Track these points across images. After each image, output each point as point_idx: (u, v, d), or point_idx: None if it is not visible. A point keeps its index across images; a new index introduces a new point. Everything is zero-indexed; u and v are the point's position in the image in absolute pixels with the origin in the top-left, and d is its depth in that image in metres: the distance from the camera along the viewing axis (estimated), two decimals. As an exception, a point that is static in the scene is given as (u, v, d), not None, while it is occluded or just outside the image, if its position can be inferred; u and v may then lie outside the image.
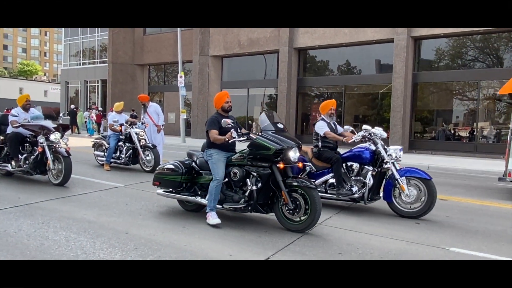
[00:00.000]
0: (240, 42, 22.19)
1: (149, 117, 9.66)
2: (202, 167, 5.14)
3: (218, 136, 4.85)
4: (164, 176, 5.18)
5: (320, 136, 6.04)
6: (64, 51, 37.80)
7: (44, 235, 4.22)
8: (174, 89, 21.84)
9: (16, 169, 7.22)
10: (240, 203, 4.67)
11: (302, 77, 21.45)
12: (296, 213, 4.49)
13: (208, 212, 4.77)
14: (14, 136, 7.26)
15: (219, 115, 5.10)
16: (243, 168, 4.73)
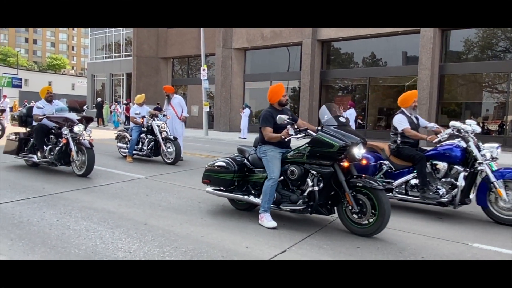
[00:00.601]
0: (263, 35, 22.09)
1: (172, 109, 9.71)
2: (255, 164, 4.82)
3: (272, 134, 4.53)
4: (215, 174, 4.91)
5: (398, 131, 5.43)
6: (90, 45, 38.51)
7: (65, 224, 4.29)
8: (198, 82, 21.96)
9: (42, 160, 7.39)
10: (298, 204, 4.33)
11: (326, 70, 21.20)
12: (363, 216, 4.10)
13: (261, 213, 4.47)
14: (39, 127, 7.41)
15: (273, 110, 4.72)
16: (301, 166, 4.38)
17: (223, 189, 4.93)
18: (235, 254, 3.58)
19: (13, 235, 3.87)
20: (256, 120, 23.94)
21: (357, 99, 20.38)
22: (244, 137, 17.62)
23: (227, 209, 5.14)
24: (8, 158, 8.19)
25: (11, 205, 4.97)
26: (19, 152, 7.76)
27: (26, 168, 7.83)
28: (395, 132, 5.48)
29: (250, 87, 24.21)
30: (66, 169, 7.59)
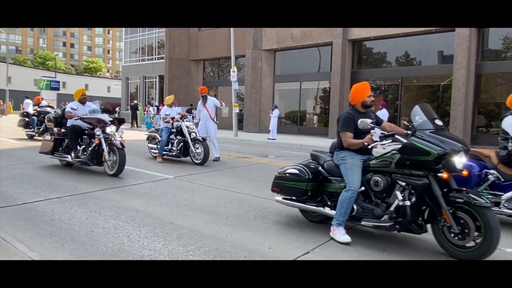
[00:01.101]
0: (293, 35, 22.02)
1: (206, 110, 9.88)
2: (331, 172, 4.32)
3: (353, 140, 4.04)
4: (286, 182, 4.43)
5: (509, 136, 4.78)
6: (124, 48, 39.49)
7: (94, 222, 4.41)
8: (228, 83, 22.14)
9: (75, 159, 7.62)
10: (384, 220, 3.78)
11: (357, 70, 20.91)
12: (466, 237, 3.45)
13: (334, 225, 4.02)
14: (73, 128, 7.66)
15: (355, 112, 4.18)
16: (388, 176, 3.84)
17: (295, 199, 4.48)
18: (258, 255, 3.58)
19: (44, 232, 4.01)
20: (287, 122, 23.90)
21: (390, 99, 19.97)
22: (273, 138, 17.59)
23: (252, 210, 5.14)
24: (44, 158, 8.50)
25: (44, 203, 5.15)
26: (54, 152, 8.04)
27: (60, 167, 8.10)
28: (505, 137, 4.80)
29: (279, 88, 24.18)
30: (98, 168, 7.80)
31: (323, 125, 22.18)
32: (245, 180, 7.39)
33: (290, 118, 24.22)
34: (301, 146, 15.29)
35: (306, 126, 23.20)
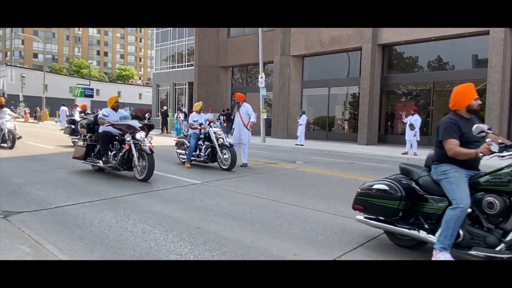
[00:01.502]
0: (321, 41, 21.93)
1: (239, 116, 10.01)
2: (428, 189, 3.71)
3: (462, 149, 3.45)
4: (373, 199, 3.85)
5: None
6: (155, 56, 40.35)
7: (123, 226, 4.50)
8: (256, 89, 22.24)
9: (106, 165, 7.82)
10: (500, 251, 3.16)
11: (387, 75, 20.60)
12: None
13: (437, 249, 3.40)
14: (104, 134, 7.87)
15: (459, 118, 3.63)
16: (505, 197, 3.24)
17: (382, 220, 3.88)
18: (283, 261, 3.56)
19: (75, 236, 4.12)
20: (316, 127, 23.74)
21: (421, 104, 19.55)
22: (301, 144, 17.51)
23: (278, 216, 5.13)
24: (77, 163, 8.75)
25: (76, 207, 5.31)
26: (86, 157, 8.27)
27: (92, 172, 8.33)
28: None
29: (308, 93, 24.10)
30: (128, 173, 7.96)
31: (352, 130, 21.93)
32: (272, 186, 7.38)
33: (319, 124, 24.07)
34: (330, 152, 15.16)
35: (334, 132, 22.99)
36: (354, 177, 8.86)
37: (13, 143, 12.34)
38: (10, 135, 12.43)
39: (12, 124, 12.62)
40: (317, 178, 8.67)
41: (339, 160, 12.54)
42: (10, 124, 12.56)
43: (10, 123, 12.63)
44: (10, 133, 12.44)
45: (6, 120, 12.55)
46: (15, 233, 4.15)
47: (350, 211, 5.39)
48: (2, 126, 12.56)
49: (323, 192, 6.97)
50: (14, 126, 12.66)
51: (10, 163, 9.40)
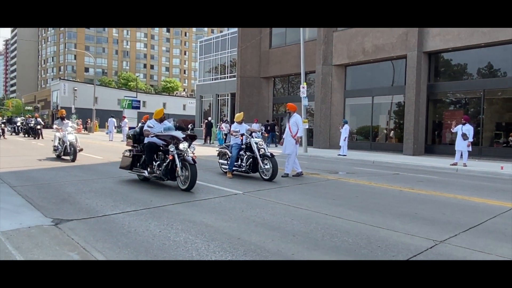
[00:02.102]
0: (364, 50, 21.61)
1: (288, 127, 10.11)
2: None
3: None
4: None
5: None
6: (199, 68, 41.28)
7: (167, 236, 4.58)
8: (298, 99, 22.18)
9: (151, 175, 8.03)
10: None
11: (433, 83, 19.97)
12: None
13: None
14: (149, 145, 8.10)
15: None
16: None
17: None
18: (325, 274, 3.48)
19: (121, 244, 4.24)
20: (359, 137, 23.32)
21: (471, 113, 18.74)
22: (344, 154, 17.23)
23: (320, 228, 5.04)
24: (124, 172, 9.05)
25: (122, 216, 5.47)
26: (132, 167, 8.55)
27: (137, 182, 8.57)
28: None
29: (350, 103, 23.75)
30: (172, 183, 8.13)
31: (398, 140, 21.34)
32: (313, 197, 7.29)
33: (362, 134, 23.61)
34: (374, 163, 14.82)
35: (379, 142, 22.47)
36: (399, 188, 8.59)
37: (74, 156, 12.31)
38: (72, 147, 12.38)
39: (73, 137, 12.64)
40: (360, 189, 8.48)
41: (383, 171, 12.22)
42: (71, 137, 12.55)
43: (72, 135, 12.65)
44: (72, 145, 12.39)
45: (67, 133, 12.57)
46: (65, 240, 4.33)
47: (395, 224, 5.25)
48: (64, 138, 12.58)
49: (367, 204, 6.80)
50: (76, 138, 12.71)
51: (62, 172, 9.87)
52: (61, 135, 12.74)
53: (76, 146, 12.44)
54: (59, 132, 12.97)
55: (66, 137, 12.43)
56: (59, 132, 12.95)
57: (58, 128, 13.12)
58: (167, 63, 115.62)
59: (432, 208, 6.57)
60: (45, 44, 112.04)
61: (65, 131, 12.62)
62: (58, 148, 12.93)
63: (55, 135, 13.27)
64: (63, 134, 12.61)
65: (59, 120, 13.44)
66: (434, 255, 4.04)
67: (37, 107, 77.97)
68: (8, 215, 5.30)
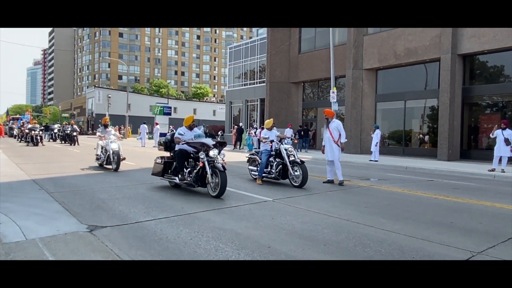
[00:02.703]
0: (396, 53, 21.24)
1: (329, 133, 9.88)
2: None
3: None
4: None
5: None
6: (229, 74, 41.66)
7: (197, 243, 4.62)
8: (327, 104, 22.02)
9: (182, 181, 8.12)
10: None
11: (469, 86, 19.37)
12: None
13: None
14: (180, 152, 8.21)
15: None
16: None
17: None
18: (357, 286, 3.42)
19: (153, 251, 4.31)
20: (391, 142, 22.87)
21: (509, 116, 18.05)
22: (375, 160, 16.93)
23: (351, 237, 4.96)
24: (155, 179, 9.21)
25: (154, 223, 5.55)
26: (164, 174, 8.68)
27: (168, 188, 8.70)
28: None
29: (382, 107, 23.34)
30: (203, 190, 8.20)
31: (431, 145, 20.79)
32: (344, 205, 7.19)
33: (394, 139, 23.14)
34: (407, 169, 14.49)
35: (412, 147, 21.96)
36: (434, 196, 8.35)
37: (117, 165, 11.81)
38: (115, 156, 11.92)
39: (116, 145, 12.17)
40: (393, 196, 8.30)
41: (416, 177, 11.92)
42: (114, 145, 12.10)
43: (115, 144, 12.19)
44: (115, 154, 11.94)
45: (110, 141, 12.14)
46: (99, 247, 4.43)
47: (430, 234, 5.11)
48: (107, 147, 12.18)
49: (400, 212, 6.64)
50: (119, 147, 12.22)
51: (97, 178, 10.15)
52: (104, 143, 12.44)
53: (120, 155, 11.98)
54: (102, 140, 12.63)
55: (109, 146, 12.06)
56: (101, 141, 12.61)
57: (101, 136, 12.73)
58: (197, 70, 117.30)
59: (468, 217, 6.35)
60: (81, 53, 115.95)
61: (108, 139, 12.26)
62: (101, 157, 12.56)
63: (97, 144, 12.90)
64: (106, 142, 12.29)
65: (102, 128, 12.98)
66: (472, 267, 3.89)
67: (73, 114, 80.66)
68: (46, 221, 5.49)
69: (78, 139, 28.75)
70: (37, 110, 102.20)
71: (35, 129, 26.51)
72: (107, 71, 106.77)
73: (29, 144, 25.98)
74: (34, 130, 26.04)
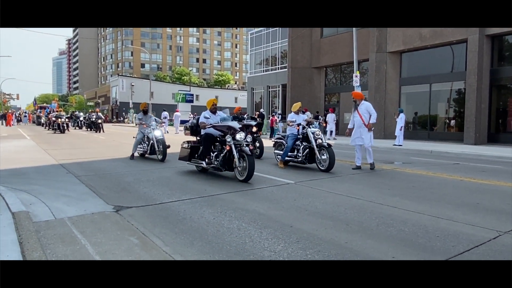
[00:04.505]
0: (421, 35, 20.70)
1: (359, 116, 9.42)
2: None
3: None
4: None
5: None
6: (250, 60, 41.53)
7: (220, 223, 4.68)
8: (350, 89, 21.70)
9: (209, 165, 8.10)
10: None
11: (497, 68, 18.76)
12: None
13: None
14: (206, 136, 8.20)
15: None
16: None
17: None
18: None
19: (177, 230, 4.39)
20: (416, 126, 22.44)
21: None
22: (399, 144, 16.68)
23: (374, 217, 4.92)
24: (181, 163, 9.31)
25: (178, 204, 5.65)
26: (190, 158, 8.68)
27: (193, 172, 8.80)
28: None
29: (406, 91, 22.88)
30: (229, 174, 8.24)
31: (458, 129, 20.31)
32: (367, 187, 7.13)
33: (420, 123, 22.68)
34: (432, 153, 14.22)
35: (437, 131, 21.51)
36: (460, 178, 8.19)
37: (164, 155, 10.63)
38: (160, 145, 10.78)
39: (160, 132, 11.08)
40: (417, 179, 8.18)
41: (442, 161, 11.70)
42: (158, 133, 10.98)
43: (158, 131, 11.08)
44: (160, 142, 10.79)
45: (153, 128, 11.03)
46: (125, 226, 4.55)
47: (455, 214, 5.04)
48: (149, 135, 11.03)
49: (424, 193, 6.55)
50: (163, 134, 11.22)
51: (122, 163, 10.35)
52: (147, 131, 11.17)
53: (165, 142, 10.85)
54: (143, 127, 11.27)
55: (152, 133, 10.94)
56: (144, 128, 11.27)
57: (142, 123, 11.32)
58: (219, 57, 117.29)
59: (495, 198, 6.21)
60: (104, 42, 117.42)
61: (150, 127, 11.10)
62: (144, 146, 11.35)
63: (139, 132, 11.43)
64: (149, 130, 11.09)
65: (141, 114, 11.57)
66: (498, 246, 3.83)
67: (98, 103, 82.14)
68: (74, 202, 5.66)
69: (103, 126, 29.31)
70: (63, 99, 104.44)
71: (61, 116, 27.20)
72: (130, 60, 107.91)
73: (56, 131, 26.65)
74: (61, 118, 26.72)
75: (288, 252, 3.68)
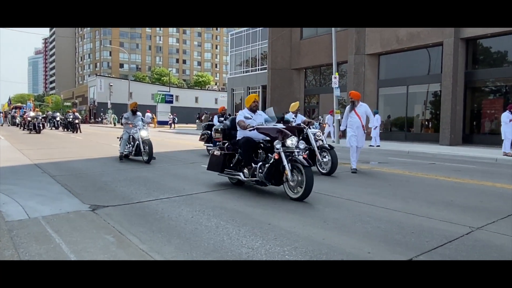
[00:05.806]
0: (398, 38, 21.09)
1: (357, 117, 9.02)
2: None
3: None
4: None
5: None
6: (230, 61, 41.49)
7: (198, 221, 4.66)
8: (329, 90, 21.90)
9: (250, 178, 6.34)
10: None
11: (471, 70, 19.26)
12: None
13: None
14: (246, 141, 6.42)
15: None
16: None
17: None
18: (356, 259, 3.46)
19: (154, 228, 4.35)
20: (393, 128, 22.80)
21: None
22: (377, 145, 16.92)
23: (351, 215, 4.99)
24: (157, 163, 9.21)
25: (156, 203, 5.60)
26: (223, 169, 6.91)
27: (171, 171, 8.71)
28: None
29: (384, 93, 23.26)
30: (212, 174, 8.16)
31: (434, 130, 20.75)
32: (344, 185, 7.22)
33: (396, 125, 23.07)
34: (408, 153, 14.48)
35: (414, 132, 21.92)
36: (435, 177, 8.37)
37: (150, 156, 10.10)
38: (146, 146, 10.27)
39: (146, 133, 10.53)
40: (393, 178, 8.32)
41: (418, 161, 11.93)
42: (144, 133, 10.46)
43: (145, 131, 10.55)
44: (146, 143, 10.28)
45: (139, 128, 10.54)
46: (102, 224, 4.48)
47: (430, 211, 5.14)
48: (135, 135, 10.56)
49: (400, 191, 6.67)
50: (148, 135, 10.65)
51: (98, 163, 10.19)
52: (133, 131, 10.69)
53: (151, 143, 10.34)
54: (129, 127, 10.84)
55: (138, 134, 10.44)
56: (130, 128, 10.83)
57: (128, 123, 10.87)
58: (199, 58, 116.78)
59: (469, 195, 6.38)
60: (82, 42, 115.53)
61: (137, 127, 10.61)
62: (128, 147, 10.85)
63: (124, 132, 11.05)
64: (135, 130, 10.60)
65: (129, 114, 11.05)
66: (471, 241, 3.93)
67: (75, 103, 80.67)
68: (49, 202, 5.54)
69: (80, 126, 28.81)
70: (39, 99, 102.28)
71: (38, 117, 26.67)
72: (108, 60, 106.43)
73: (31, 131, 26.07)
74: (37, 118, 26.20)
75: (266, 249, 3.69)
